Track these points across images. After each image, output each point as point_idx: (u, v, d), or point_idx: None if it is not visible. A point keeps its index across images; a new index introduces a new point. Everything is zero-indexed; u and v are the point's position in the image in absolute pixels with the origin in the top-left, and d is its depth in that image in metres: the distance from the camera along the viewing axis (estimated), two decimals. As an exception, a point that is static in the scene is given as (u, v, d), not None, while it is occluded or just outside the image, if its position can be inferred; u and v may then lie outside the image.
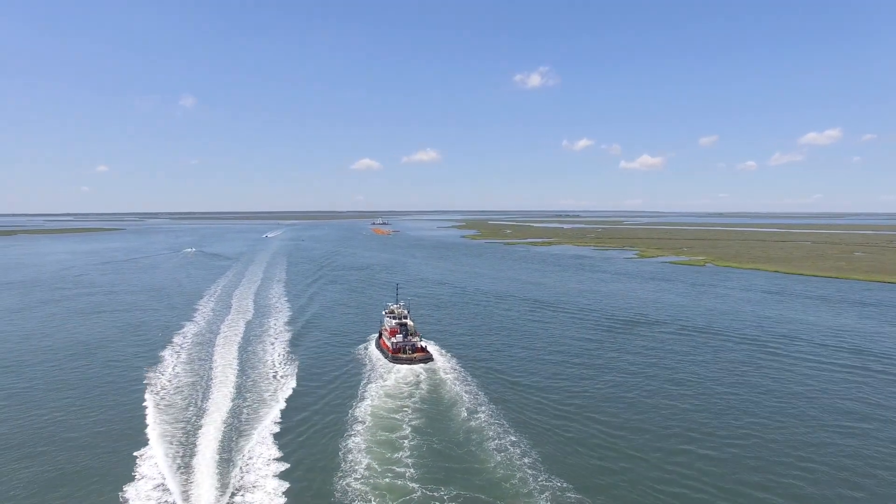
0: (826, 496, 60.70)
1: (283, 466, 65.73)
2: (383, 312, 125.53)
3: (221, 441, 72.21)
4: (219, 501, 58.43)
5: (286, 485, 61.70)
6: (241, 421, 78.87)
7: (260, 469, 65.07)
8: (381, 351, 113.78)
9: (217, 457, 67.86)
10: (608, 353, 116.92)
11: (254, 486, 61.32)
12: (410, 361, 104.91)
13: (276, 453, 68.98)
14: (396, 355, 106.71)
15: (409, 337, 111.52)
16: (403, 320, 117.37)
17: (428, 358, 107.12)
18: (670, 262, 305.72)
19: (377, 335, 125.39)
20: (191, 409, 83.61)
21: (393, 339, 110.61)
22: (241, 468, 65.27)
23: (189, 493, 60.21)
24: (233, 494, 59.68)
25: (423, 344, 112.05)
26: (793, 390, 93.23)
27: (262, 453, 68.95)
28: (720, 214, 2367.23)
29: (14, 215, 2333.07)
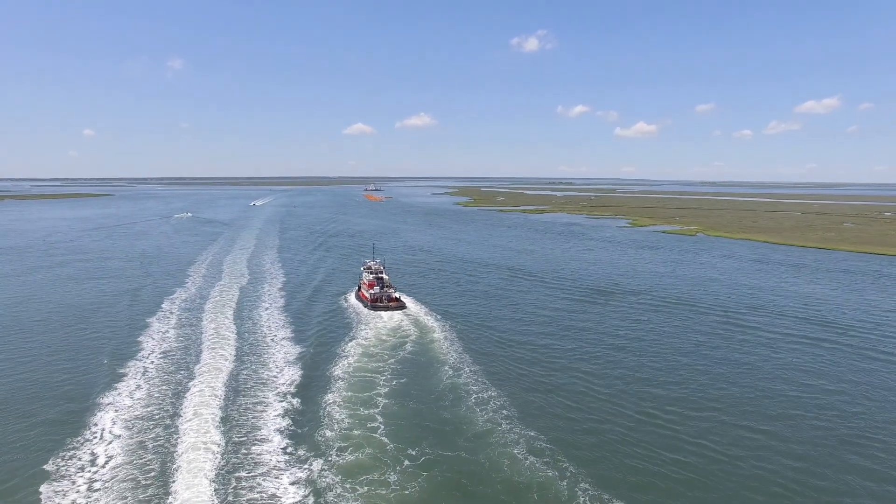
0: (779, 459, 64.46)
1: (267, 420, 68.81)
2: (361, 268, 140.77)
3: (209, 400, 75.06)
4: (202, 458, 61.43)
5: (271, 440, 64.87)
6: (234, 379, 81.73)
7: (247, 421, 68.21)
8: (361, 301, 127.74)
9: (203, 415, 70.74)
10: (588, 319, 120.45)
11: (245, 439, 64.47)
12: (387, 309, 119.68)
13: (261, 407, 72.09)
14: (374, 304, 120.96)
15: (385, 289, 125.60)
16: (380, 275, 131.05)
17: (402, 306, 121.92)
18: (662, 232, 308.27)
19: (356, 288, 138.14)
20: (181, 371, 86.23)
21: (371, 291, 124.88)
22: (228, 421, 68.26)
23: (173, 451, 63.23)
24: (219, 446, 62.76)
25: (398, 295, 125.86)
26: (755, 359, 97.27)
27: (247, 406, 72.09)
28: (713, 183, 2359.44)
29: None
